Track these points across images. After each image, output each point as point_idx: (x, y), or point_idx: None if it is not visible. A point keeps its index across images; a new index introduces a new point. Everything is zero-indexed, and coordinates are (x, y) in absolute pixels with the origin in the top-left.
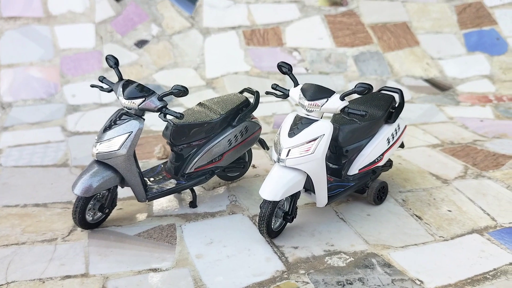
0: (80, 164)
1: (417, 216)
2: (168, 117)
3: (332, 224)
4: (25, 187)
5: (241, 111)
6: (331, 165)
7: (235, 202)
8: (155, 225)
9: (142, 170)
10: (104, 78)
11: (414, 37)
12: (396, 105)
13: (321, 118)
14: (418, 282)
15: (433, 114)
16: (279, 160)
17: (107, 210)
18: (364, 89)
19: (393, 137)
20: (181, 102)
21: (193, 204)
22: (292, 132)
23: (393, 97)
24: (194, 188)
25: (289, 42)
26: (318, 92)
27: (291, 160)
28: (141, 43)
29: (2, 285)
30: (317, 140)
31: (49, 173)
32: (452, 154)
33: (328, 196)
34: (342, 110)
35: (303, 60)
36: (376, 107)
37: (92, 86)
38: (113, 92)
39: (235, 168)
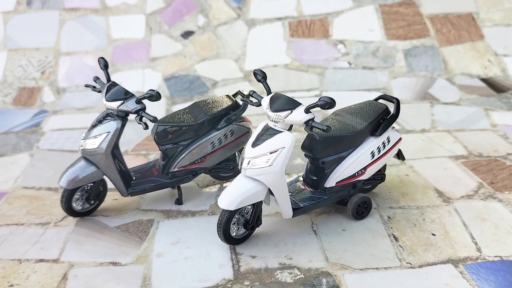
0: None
1: (394, 237)
2: (144, 119)
3: (302, 236)
4: (47, 171)
5: (227, 114)
6: (311, 176)
7: None
8: (136, 219)
9: (139, 165)
10: (98, 78)
11: (479, 30)
12: (388, 116)
13: (288, 129)
14: None
15: (476, 119)
16: (241, 168)
17: (92, 202)
18: (326, 103)
19: (379, 151)
20: (215, 94)
21: (178, 201)
22: (256, 143)
23: (386, 108)
24: (185, 184)
25: (335, 34)
26: (284, 104)
27: (250, 171)
28: (187, 34)
29: None
30: (276, 152)
31: (74, 158)
32: (472, 169)
33: (296, 208)
34: (306, 123)
35: (347, 54)
36: (362, 118)
37: (86, 85)
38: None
39: (223, 169)
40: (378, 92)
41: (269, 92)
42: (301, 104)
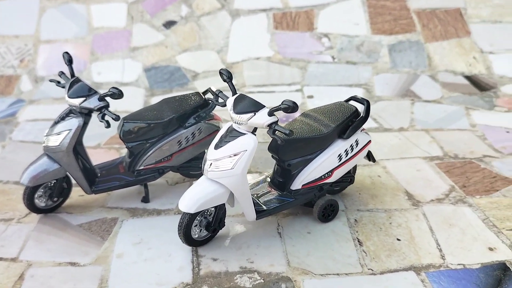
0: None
1: (358, 241)
2: (107, 117)
3: (266, 238)
4: (18, 164)
5: (195, 112)
6: (277, 178)
7: None
8: (100, 217)
9: (106, 161)
10: (63, 73)
11: (466, 26)
12: (357, 119)
13: (253, 132)
14: None
15: (456, 118)
16: (203, 170)
17: (55, 199)
18: (288, 107)
19: (346, 154)
20: (195, 87)
21: (145, 199)
22: (219, 144)
23: (356, 109)
24: (154, 182)
25: (320, 27)
26: (247, 106)
27: (213, 173)
28: (169, 24)
29: None
30: (238, 155)
31: (39, 150)
32: (446, 171)
33: (260, 210)
34: (269, 126)
35: (331, 48)
36: (330, 120)
37: (51, 80)
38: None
39: (192, 168)
40: (360, 88)
41: (234, 93)
42: (264, 106)
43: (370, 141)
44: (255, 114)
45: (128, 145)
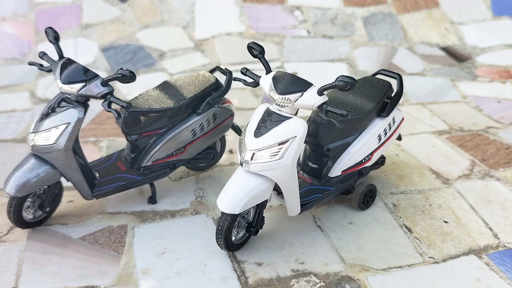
0: None
1: (407, 228)
2: (113, 106)
3: (307, 233)
4: None
5: (209, 95)
6: (310, 164)
7: (201, 199)
8: (104, 225)
9: (97, 159)
10: (45, 54)
11: None
12: (393, 95)
13: (295, 115)
14: None
15: (445, 91)
16: (242, 162)
17: (48, 209)
18: (346, 84)
19: (385, 134)
20: (164, 67)
21: (152, 200)
22: (259, 131)
23: (390, 84)
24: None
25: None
26: (292, 84)
27: (255, 165)
28: None
29: None
30: (287, 143)
31: (5, 149)
32: (459, 145)
33: (302, 203)
34: (320, 107)
35: (305, 21)
36: (367, 98)
37: (30, 63)
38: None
39: (203, 160)
40: (342, 63)
41: (268, 69)
42: (312, 84)
43: (403, 118)
44: (303, 94)
45: (132, 138)
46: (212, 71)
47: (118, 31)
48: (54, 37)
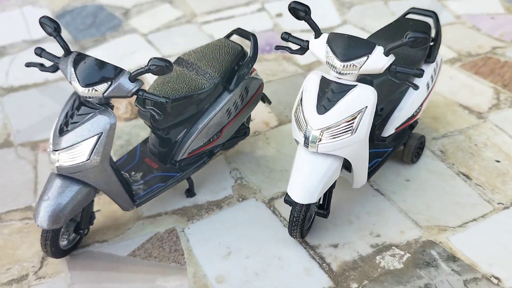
0: (28, 140)
1: (464, 175)
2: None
3: (369, 200)
4: None
5: (237, 66)
6: None
7: (241, 181)
8: (150, 233)
9: (119, 159)
10: (43, 50)
11: None
12: (433, 35)
13: (357, 80)
14: (495, 281)
15: (437, 12)
16: (306, 143)
17: (86, 231)
18: (420, 40)
19: (432, 80)
20: (134, 27)
21: (191, 193)
22: (322, 106)
23: (429, 25)
24: None
25: None
26: (354, 47)
27: (325, 146)
28: None
29: None
30: (358, 116)
31: None
32: (475, 72)
33: (369, 172)
34: (388, 69)
35: None
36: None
37: (28, 65)
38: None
39: (236, 138)
40: None
41: (318, 32)
42: (375, 44)
43: (441, 59)
44: (368, 58)
45: (163, 132)
46: (228, 36)
47: None
48: (53, 28)
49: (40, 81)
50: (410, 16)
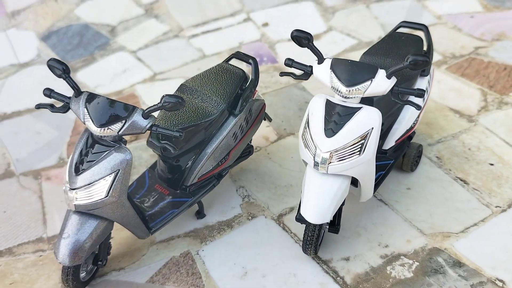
0: (30, 168)
1: (461, 180)
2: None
3: (374, 211)
4: None
5: (240, 90)
6: None
7: (248, 198)
8: (166, 258)
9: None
10: (52, 91)
11: None
12: (425, 48)
13: (360, 103)
14: (500, 283)
15: (418, 13)
16: (316, 165)
17: (104, 262)
18: (421, 63)
19: (427, 91)
20: (122, 45)
21: (201, 215)
22: (330, 129)
23: (421, 39)
24: None
25: None
26: (358, 73)
27: (335, 167)
28: None
29: None
30: (365, 138)
31: None
32: (461, 75)
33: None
34: (391, 91)
35: None
36: (402, 58)
37: (39, 106)
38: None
39: (242, 158)
40: (309, 1)
41: (321, 57)
42: (377, 68)
43: (433, 68)
44: (372, 82)
45: (174, 160)
46: (227, 60)
47: (53, 12)
48: (62, 69)
49: (32, 106)
50: (401, 30)
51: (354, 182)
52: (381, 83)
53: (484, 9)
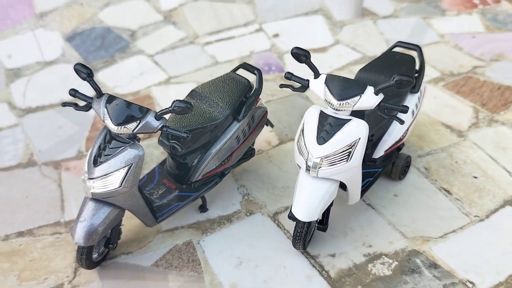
0: (51, 159)
1: (445, 190)
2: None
3: (361, 214)
4: (13, 205)
5: (244, 98)
6: None
7: (248, 197)
8: (170, 246)
9: (140, 180)
10: (77, 92)
11: None
12: (418, 68)
13: (351, 115)
14: (470, 285)
15: (422, 31)
16: (308, 169)
17: (115, 245)
18: (405, 82)
19: (416, 107)
20: (141, 49)
21: (203, 209)
22: (322, 137)
23: (413, 59)
24: None
25: None
26: (349, 88)
27: (324, 172)
28: None
29: None
30: (352, 146)
31: (16, 179)
32: (456, 92)
33: (361, 190)
34: (378, 106)
35: None
36: (391, 72)
37: (64, 104)
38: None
39: (243, 159)
40: (319, 15)
41: (317, 73)
42: (367, 85)
43: (425, 87)
44: (360, 97)
45: (181, 158)
46: (235, 70)
47: (78, 15)
48: (87, 73)
49: (55, 102)
50: (397, 49)
51: (344, 186)
52: (369, 99)
53: (486, 29)
